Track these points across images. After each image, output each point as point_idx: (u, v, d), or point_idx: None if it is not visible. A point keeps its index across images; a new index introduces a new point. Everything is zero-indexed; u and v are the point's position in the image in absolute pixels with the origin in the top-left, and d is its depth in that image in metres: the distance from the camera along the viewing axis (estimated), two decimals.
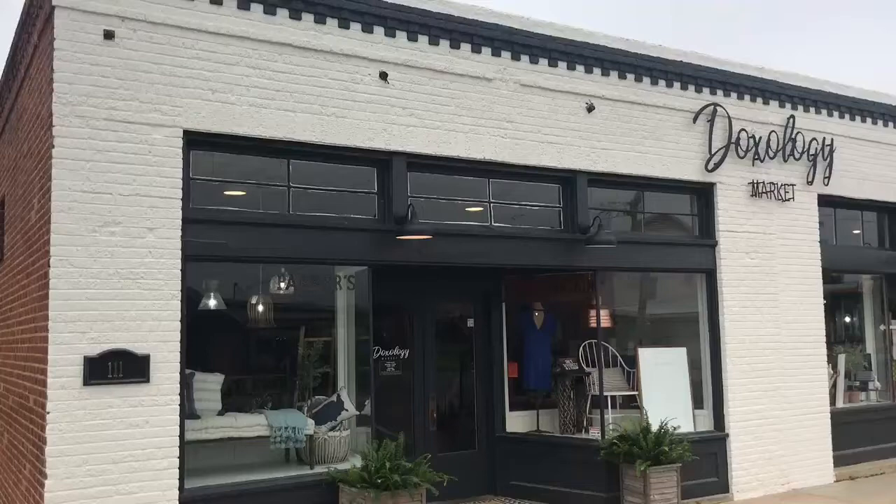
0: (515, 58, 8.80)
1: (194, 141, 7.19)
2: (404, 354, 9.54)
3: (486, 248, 8.74)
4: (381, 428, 8.20)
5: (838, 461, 10.76)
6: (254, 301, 8.81)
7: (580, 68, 9.22)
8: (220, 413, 7.86)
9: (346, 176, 8.19)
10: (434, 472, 7.37)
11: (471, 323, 10.14)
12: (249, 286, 8.87)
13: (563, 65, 9.11)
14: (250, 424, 7.81)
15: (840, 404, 11.62)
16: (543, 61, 8.99)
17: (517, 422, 10.05)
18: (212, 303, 8.50)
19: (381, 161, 8.13)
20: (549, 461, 9.38)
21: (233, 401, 8.25)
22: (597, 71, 9.35)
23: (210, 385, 7.88)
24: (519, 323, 10.24)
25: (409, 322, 9.75)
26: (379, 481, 7.05)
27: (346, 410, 8.26)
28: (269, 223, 7.60)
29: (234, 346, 9.24)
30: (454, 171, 8.64)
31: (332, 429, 8.11)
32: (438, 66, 8.34)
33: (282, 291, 8.79)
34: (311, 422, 7.99)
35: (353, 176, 8.21)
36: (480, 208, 8.95)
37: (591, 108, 9.22)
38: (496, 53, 8.69)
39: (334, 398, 8.37)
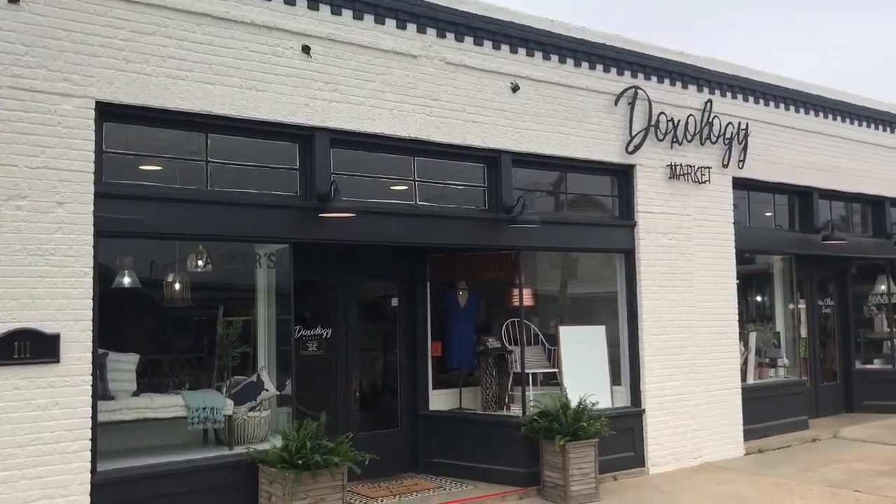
0: (441, 35, 8.75)
1: (107, 112, 6.91)
2: (327, 334, 9.45)
3: (410, 227, 8.71)
4: (302, 408, 8.13)
5: (748, 435, 11.19)
6: (170, 279, 8.57)
7: (505, 48, 9.24)
8: (135, 394, 7.65)
9: (267, 152, 8.02)
10: (356, 451, 7.33)
11: (395, 302, 10.11)
12: (166, 264, 8.62)
13: (488, 44, 9.11)
14: (167, 405, 7.62)
15: (751, 380, 12.05)
16: (469, 40, 8.96)
17: (440, 400, 10.09)
18: (126, 280, 8.22)
19: (304, 136, 7.99)
20: (471, 438, 9.46)
21: (149, 381, 8.04)
22: (522, 51, 9.38)
23: (124, 365, 7.65)
24: (443, 302, 10.26)
25: (331, 301, 9.65)
26: (300, 462, 6.98)
27: (267, 390, 8.14)
28: (186, 199, 7.39)
29: (149, 326, 8.97)
30: (379, 149, 8.56)
31: (252, 409, 7.99)
32: (363, 41, 8.22)
33: (199, 269, 8.57)
34: (229, 402, 7.85)
35: (274, 152, 8.05)
36: (405, 187, 8.91)
37: (515, 88, 9.26)
38: (421, 30, 8.62)
39: (254, 378, 8.24)
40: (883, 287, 14.57)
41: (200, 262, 8.55)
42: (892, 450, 11.14)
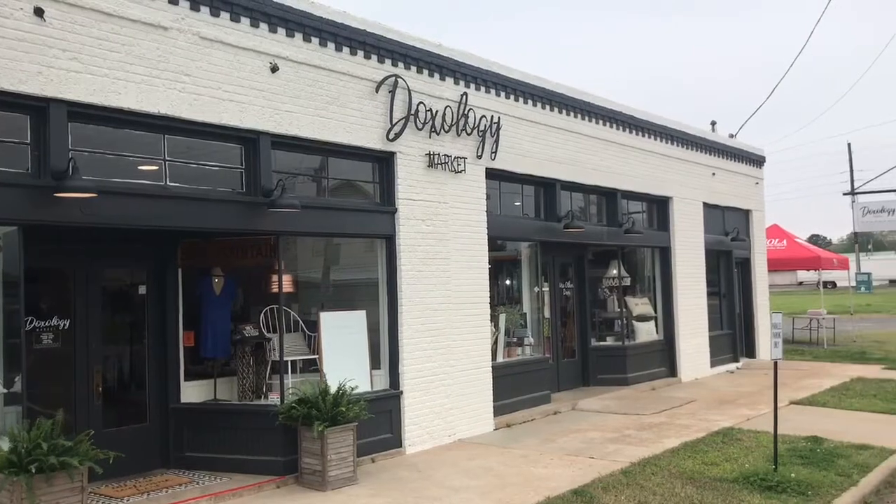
0: (194, 8, 8.31)
1: None
2: (65, 325, 8.67)
3: (160, 210, 8.20)
4: (35, 406, 7.41)
5: (498, 411, 11.86)
6: None
7: (264, 26, 8.97)
8: None
9: None
10: (98, 449, 6.81)
11: (143, 290, 9.50)
12: None
13: (245, 21, 8.79)
14: None
15: (500, 359, 12.76)
16: (225, 15, 8.59)
17: (193, 391, 9.66)
18: None
19: (37, 108, 7.23)
20: (226, 430, 9.16)
21: None
22: (281, 31, 9.16)
23: None
24: (197, 289, 9.80)
25: (71, 289, 8.86)
26: (31, 466, 6.35)
27: None
28: None
29: None
30: (125, 125, 7.97)
31: None
32: (106, 8, 7.58)
33: None
34: None
35: (2, 123, 7.20)
36: (155, 167, 8.37)
37: (275, 69, 9.03)
38: (173, 1, 8.13)
39: None
40: (615, 271, 16.07)
41: None
42: (622, 418, 12.35)
